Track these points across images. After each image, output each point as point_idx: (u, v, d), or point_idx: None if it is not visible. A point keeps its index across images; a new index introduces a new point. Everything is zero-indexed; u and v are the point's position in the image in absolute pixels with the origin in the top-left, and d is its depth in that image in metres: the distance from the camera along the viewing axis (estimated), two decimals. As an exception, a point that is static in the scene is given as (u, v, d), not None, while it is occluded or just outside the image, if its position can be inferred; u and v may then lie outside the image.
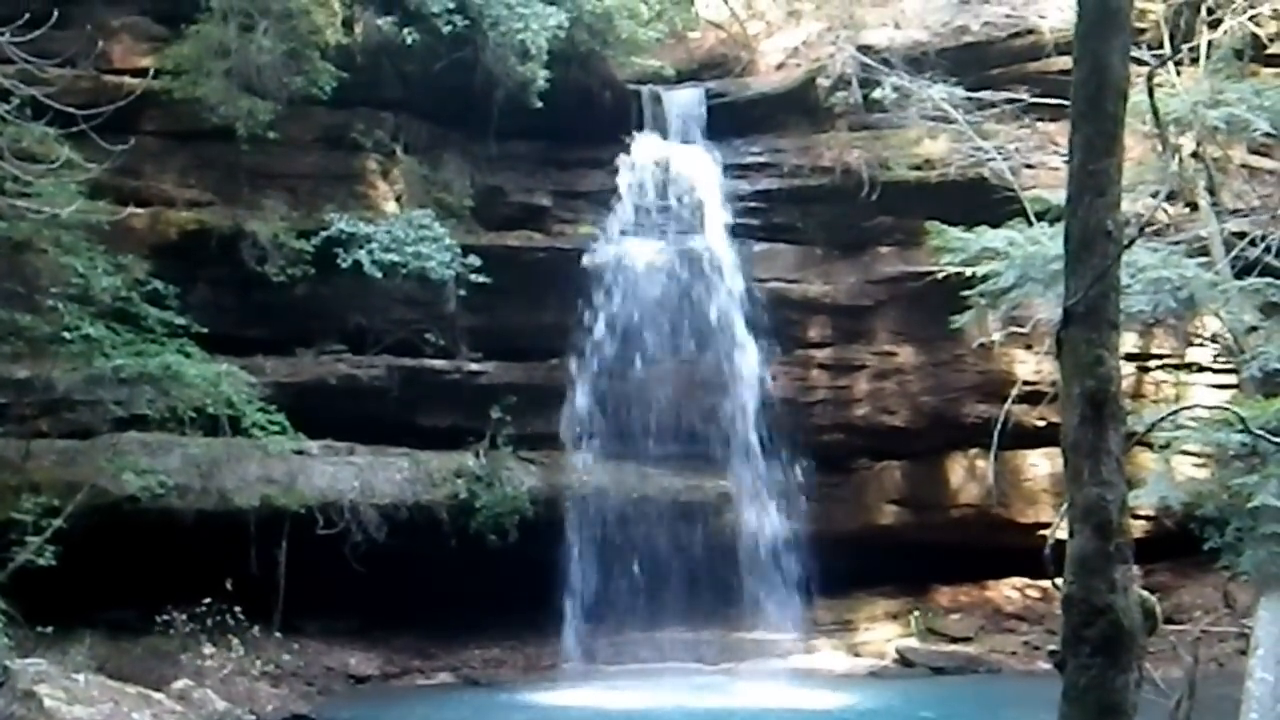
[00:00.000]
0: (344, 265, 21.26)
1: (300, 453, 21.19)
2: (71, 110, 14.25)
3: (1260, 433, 9.28)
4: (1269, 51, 21.94)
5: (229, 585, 18.65)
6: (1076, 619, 5.00)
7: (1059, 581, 5.23)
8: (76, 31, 18.19)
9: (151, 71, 19.36)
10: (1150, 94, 5.98)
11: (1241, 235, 15.16)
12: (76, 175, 16.06)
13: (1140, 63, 12.29)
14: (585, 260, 23.28)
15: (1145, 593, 5.17)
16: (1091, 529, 5.02)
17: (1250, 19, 18.87)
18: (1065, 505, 5.22)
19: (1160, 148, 11.48)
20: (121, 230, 18.73)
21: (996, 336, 19.09)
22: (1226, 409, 9.88)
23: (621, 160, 24.05)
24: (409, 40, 21.92)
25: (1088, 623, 4.96)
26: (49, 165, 15.52)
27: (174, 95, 20.50)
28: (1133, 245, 5.60)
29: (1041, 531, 22.40)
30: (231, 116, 20.50)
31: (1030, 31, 24.07)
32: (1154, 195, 14.45)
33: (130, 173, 19.93)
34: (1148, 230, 13.99)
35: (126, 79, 19.79)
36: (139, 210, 20.34)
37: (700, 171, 24.20)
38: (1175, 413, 13.03)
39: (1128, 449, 5.32)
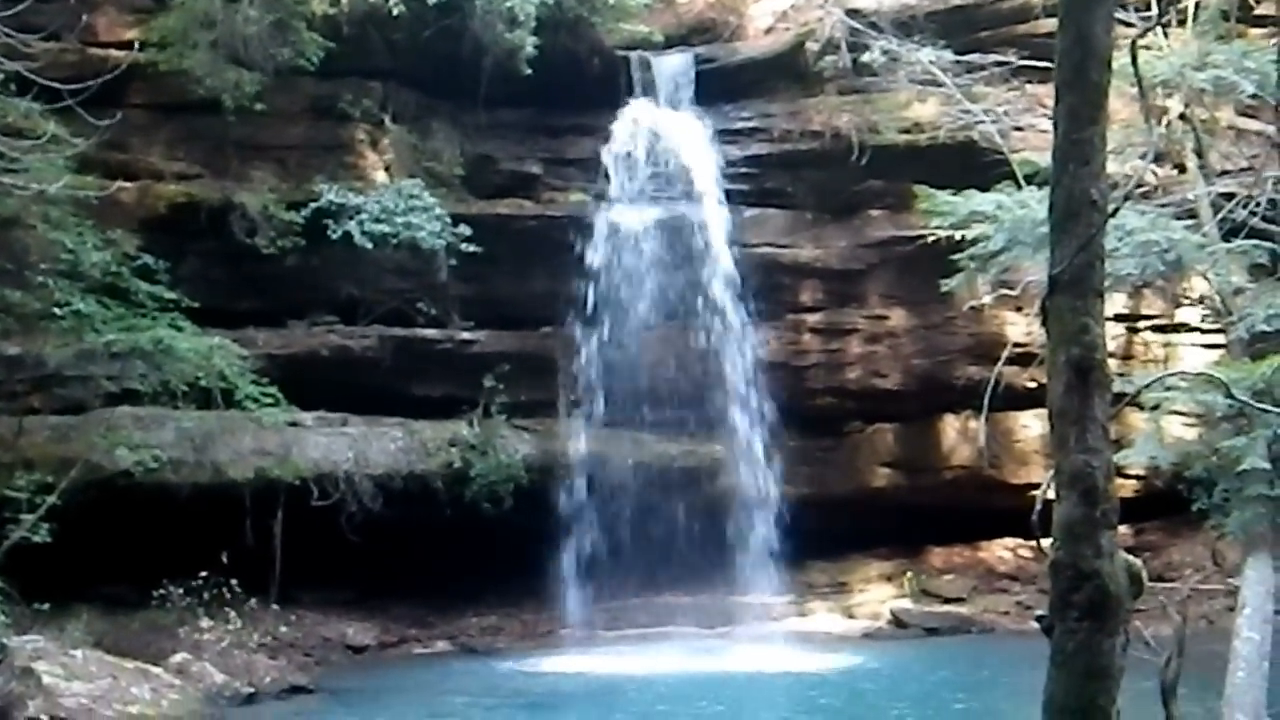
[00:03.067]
0: (334, 236, 21.28)
1: (294, 424, 21.23)
2: (56, 85, 14.20)
3: (1243, 399, 9.32)
4: (1256, 12, 21.87)
5: (225, 558, 18.74)
6: (1064, 584, 5.04)
7: (1046, 543, 5.28)
8: (61, 5, 18.15)
9: (137, 44, 19.34)
10: (1134, 60, 5.99)
11: (1229, 197, 15.14)
12: (64, 150, 16.00)
13: (1128, 24, 12.30)
14: (594, 223, 23.33)
15: (1131, 557, 5.21)
16: (1078, 495, 5.05)
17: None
18: (1052, 471, 5.27)
19: (1146, 113, 11.47)
20: (110, 204, 18.72)
21: (987, 299, 19.05)
22: (1210, 374, 9.89)
23: (611, 127, 24.01)
24: (396, 9, 21.80)
25: (1075, 588, 5.00)
26: (35, 140, 15.48)
27: (160, 68, 20.46)
28: (1119, 211, 5.63)
29: (1033, 492, 22.45)
30: (218, 88, 20.47)
31: (1018, -7, 24.00)
32: (1142, 158, 14.44)
33: (117, 146, 19.89)
34: (1136, 193, 13.99)
35: (112, 52, 19.85)
36: (127, 184, 20.31)
37: (690, 137, 24.15)
38: (1164, 378, 13.05)
39: (1117, 411, 5.36)
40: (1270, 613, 12.48)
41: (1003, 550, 25.42)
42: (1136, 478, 21.63)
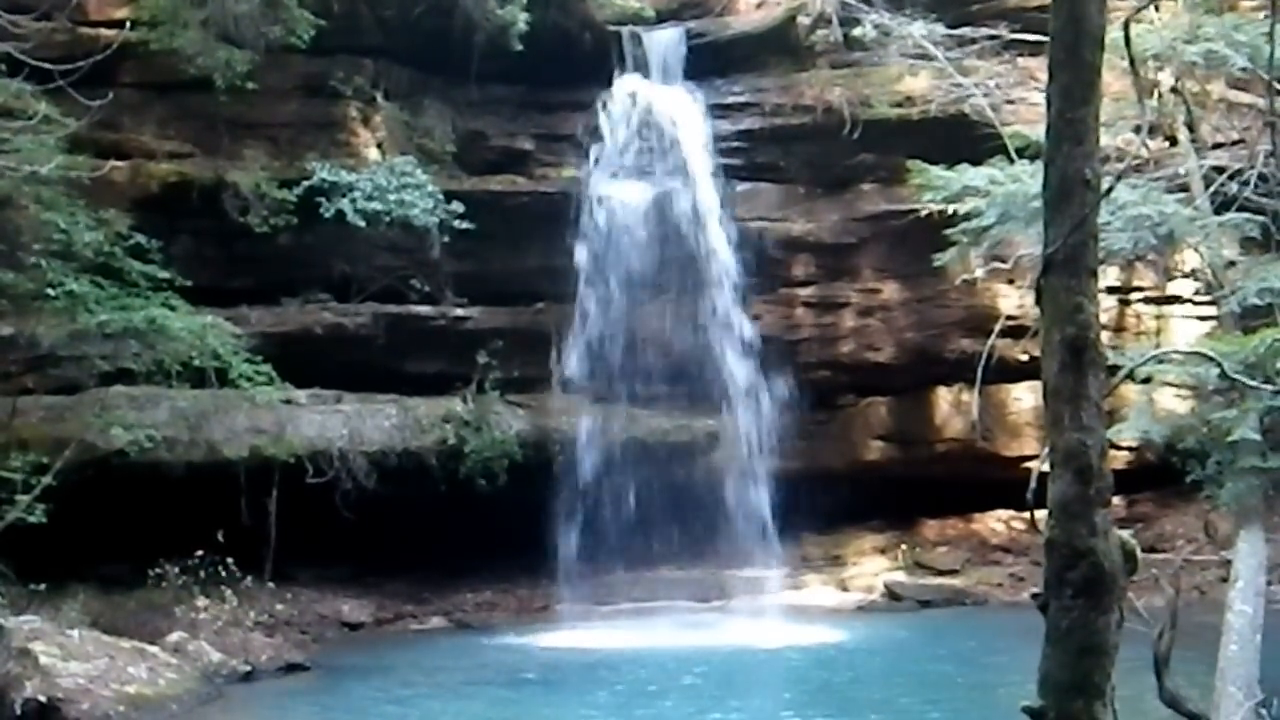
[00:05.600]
0: (327, 214, 21.25)
1: (288, 402, 21.24)
2: (47, 66, 14.14)
3: (1236, 375, 9.37)
4: (1247, -17, 21.87)
5: (220, 537, 18.74)
6: (1058, 562, 5.08)
7: (1040, 515, 5.32)
8: (51, -16, 18.02)
9: (128, 23, 19.22)
10: (1127, 41, 6.01)
11: (1221, 170, 15.19)
12: (55, 130, 15.95)
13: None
14: (586, 198, 23.34)
15: (1126, 535, 5.25)
16: (1072, 474, 5.09)
17: (1229, -49, 18.79)
18: (1046, 450, 5.30)
19: (1139, 89, 11.50)
20: (102, 184, 18.59)
21: (979, 272, 19.12)
22: (1203, 354, 9.93)
23: (603, 102, 24.00)
24: (386, -15, 21.79)
25: (1069, 566, 5.04)
26: (27, 121, 15.43)
27: (151, 47, 20.35)
28: (1110, 197, 5.65)
29: (1025, 464, 22.62)
30: (210, 67, 20.40)
31: (1009, -34, 23.95)
32: (1135, 131, 14.47)
33: (109, 126, 19.86)
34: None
35: (103, 31, 19.72)
36: (119, 163, 20.21)
37: (682, 112, 24.15)
38: (1158, 355, 13.10)
39: (1112, 389, 5.39)
40: (1263, 585, 12.57)
41: (996, 522, 25.52)
42: (1129, 449, 21.70)
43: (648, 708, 15.62)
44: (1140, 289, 24.72)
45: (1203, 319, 22.88)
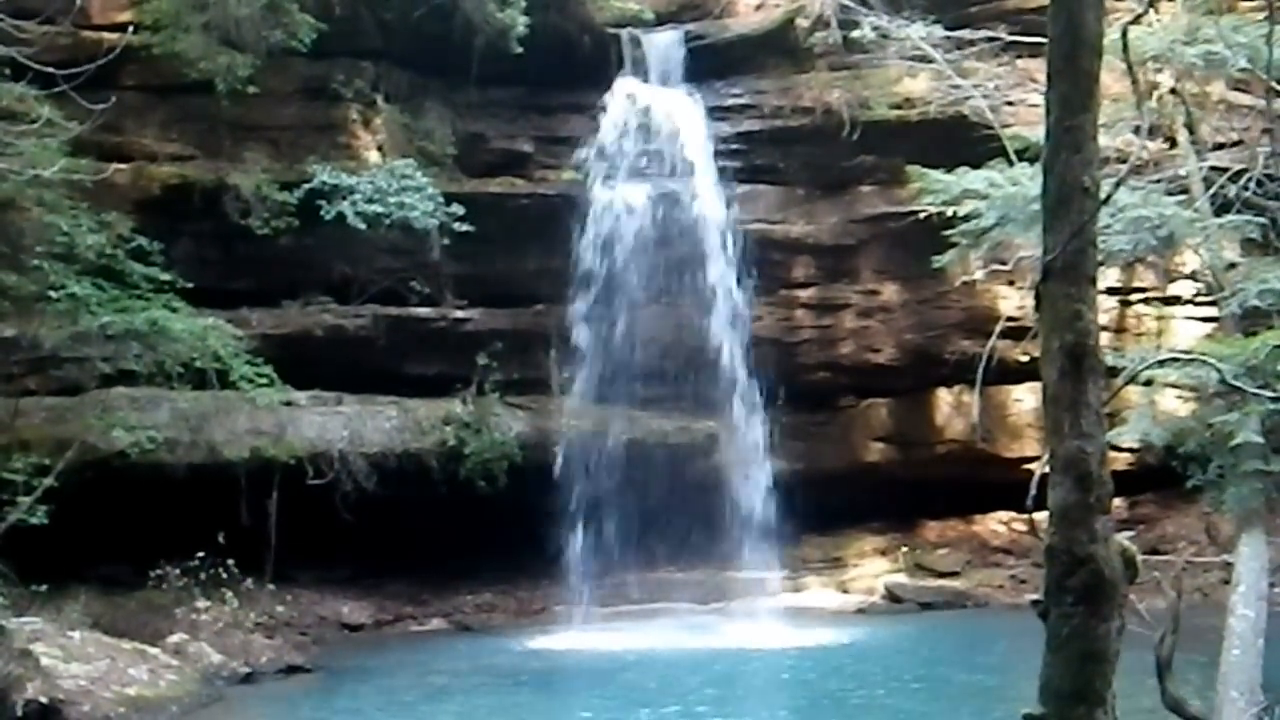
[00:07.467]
0: (327, 216, 21.26)
1: (288, 404, 21.28)
2: (50, 70, 14.14)
3: (1236, 382, 9.38)
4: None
5: (221, 538, 18.76)
6: (1059, 569, 5.10)
7: (1040, 518, 5.34)
8: (54, -12, 18.03)
9: (131, 27, 19.23)
10: (1125, 47, 6.03)
11: (1221, 171, 15.19)
12: (58, 133, 15.94)
13: None
14: (586, 200, 23.33)
15: (1126, 541, 5.27)
16: (1072, 481, 5.10)
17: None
18: (1046, 454, 5.32)
19: (1137, 95, 11.50)
20: (104, 187, 18.64)
21: (979, 274, 19.13)
22: (1204, 359, 9.94)
23: (603, 104, 24.01)
24: (387, -11, 21.82)
25: (1069, 573, 5.05)
26: (30, 124, 15.44)
27: (153, 50, 20.40)
28: (1110, 200, 5.66)
29: (1026, 466, 22.60)
30: (211, 70, 20.44)
31: (1007, -32, 23.97)
32: (1135, 132, 14.48)
33: (111, 128, 19.75)
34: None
35: (105, 34, 19.76)
36: (121, 166, 20.26)
37: (681, 114, 24.15)
38: (1158, 361, 13.10)
39: (1113, 395, 5.40)
40: (1265, 589, 12.57)
41: (996, 524, 25.52)
42: (1130, 450, 21.70)
43: (647, 710, 15.60)
44: (1141, 290, 24.72)
45: (1204, 319, 22.89)
